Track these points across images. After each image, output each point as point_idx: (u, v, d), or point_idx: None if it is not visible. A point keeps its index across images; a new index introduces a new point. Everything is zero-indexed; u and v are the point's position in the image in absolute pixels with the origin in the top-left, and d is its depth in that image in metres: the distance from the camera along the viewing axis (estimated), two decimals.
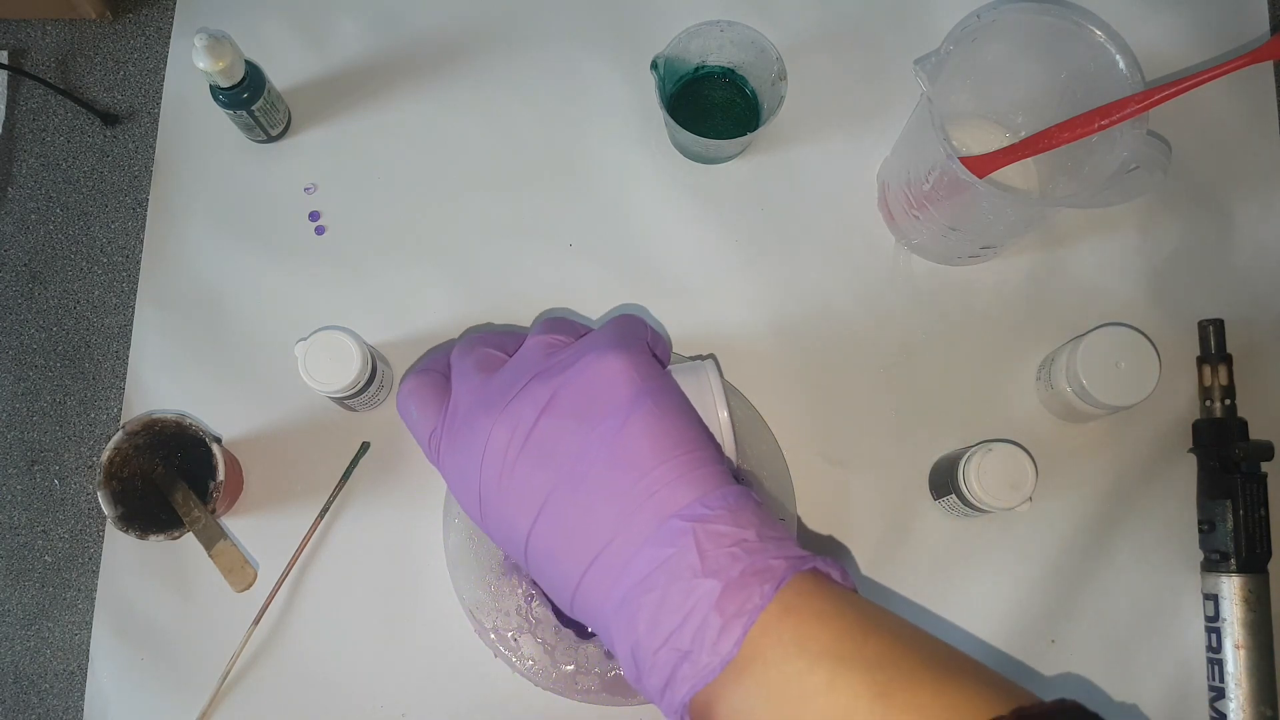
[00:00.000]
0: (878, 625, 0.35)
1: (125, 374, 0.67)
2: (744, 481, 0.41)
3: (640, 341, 0.43)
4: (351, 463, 0.65)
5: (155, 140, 0.70)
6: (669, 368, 0.46)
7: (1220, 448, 0.63)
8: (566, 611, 0.40)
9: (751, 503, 0.38)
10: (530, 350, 0.43)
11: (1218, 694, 0.62)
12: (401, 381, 0.46)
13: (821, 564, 0.37)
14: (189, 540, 0.60)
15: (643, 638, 0.36)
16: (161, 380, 0.67)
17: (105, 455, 0.59)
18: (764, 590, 0.35)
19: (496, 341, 0.45)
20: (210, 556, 0.60)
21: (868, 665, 0.33)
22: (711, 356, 0.50)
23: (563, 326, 0.44)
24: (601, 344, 0.41)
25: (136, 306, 0.68)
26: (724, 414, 0.46)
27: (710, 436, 0.41)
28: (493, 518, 0.41)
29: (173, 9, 0.72)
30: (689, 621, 0.35)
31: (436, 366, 0.45)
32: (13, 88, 0.72)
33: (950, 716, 0.31)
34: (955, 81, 0.61)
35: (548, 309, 0.67)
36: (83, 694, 0.63)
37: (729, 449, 0.46)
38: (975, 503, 0.59)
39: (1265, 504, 0.62)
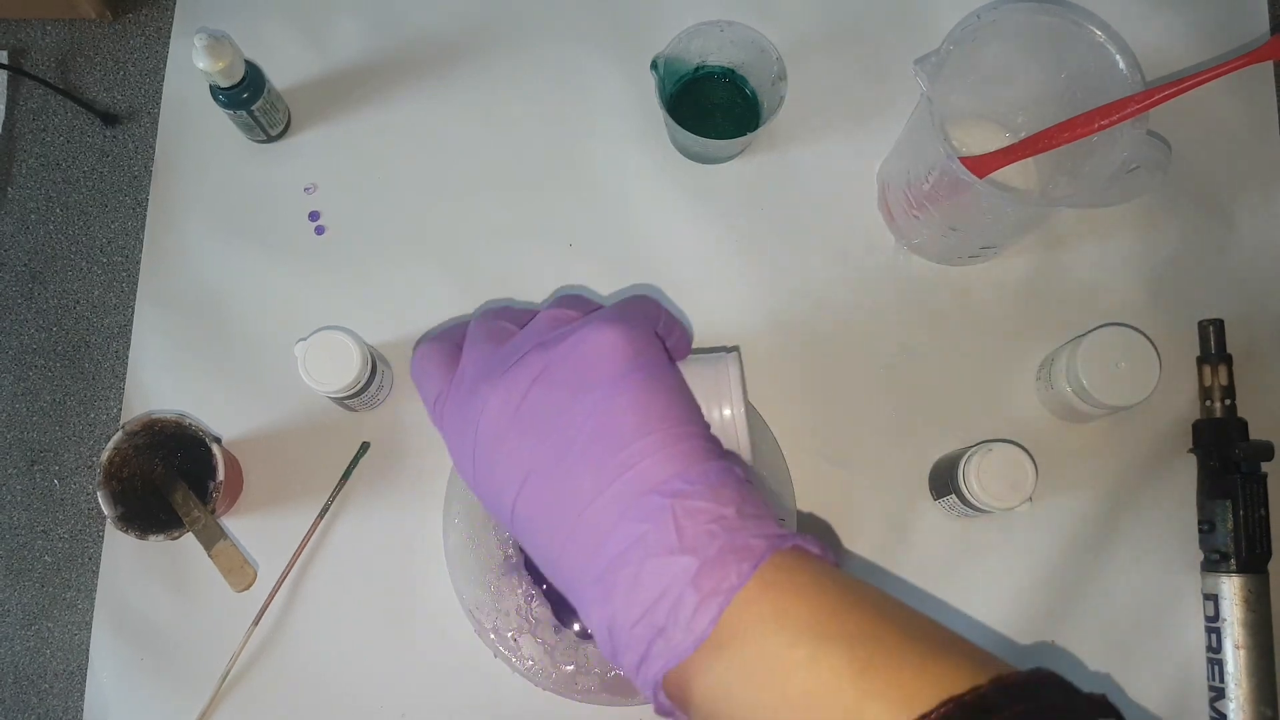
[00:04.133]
0: (859, 600, 0.35)
1: (125, 374, 0.67)
2: (749, 473, 0.40)
3: (644, 320, 0.42)
4: (351, 463, 0.65)
5: (155, 140, 0.70)
6: (690, 357, 0.46)
7: (1220, 448, 0.63)
8: (551, 581, 0.41)
9: (733, 478, 0.38)
10: (538, 323, 0.43)
11: (1218, 694, 0.62)
12: (416, 345, 0.46)
13: (802, 540, 0.37)
14: (189, 540, 0.60)
15: (618, 613, 0.36)
16: (161, 380, 0.67)
17: (105, 455, 0.59)
18: (741, 569, 0.35)
19: (511, 315, 0.45)
20: (210, 556, 0.60)
21: (849, 640, 0.33)
22: (735, 349, 0.50)
23: (574, 302, 0.44)
24: (602, 318, 0.41)
25: (136, 306, 0.68)
26: (739, 409, 0.45)
27: (698, 413, 0.41)
28: (483, 484, 0.41)
29: (172, 9, 0.72)
30: (664, 598, 0.35)
31: (452, 336, 0.46)
32: (13, 88, 0.72)
33: (932, 689, 0.31)
34: (955, 81, 0.61)
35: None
36: (82, 694, 0.63)
37: (743, 446, 0.45)
38: (975, 503, 0.59)
39: (1265, 504, 0.62)
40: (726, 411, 0.45)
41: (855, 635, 0.33)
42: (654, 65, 0.65)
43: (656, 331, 0.43)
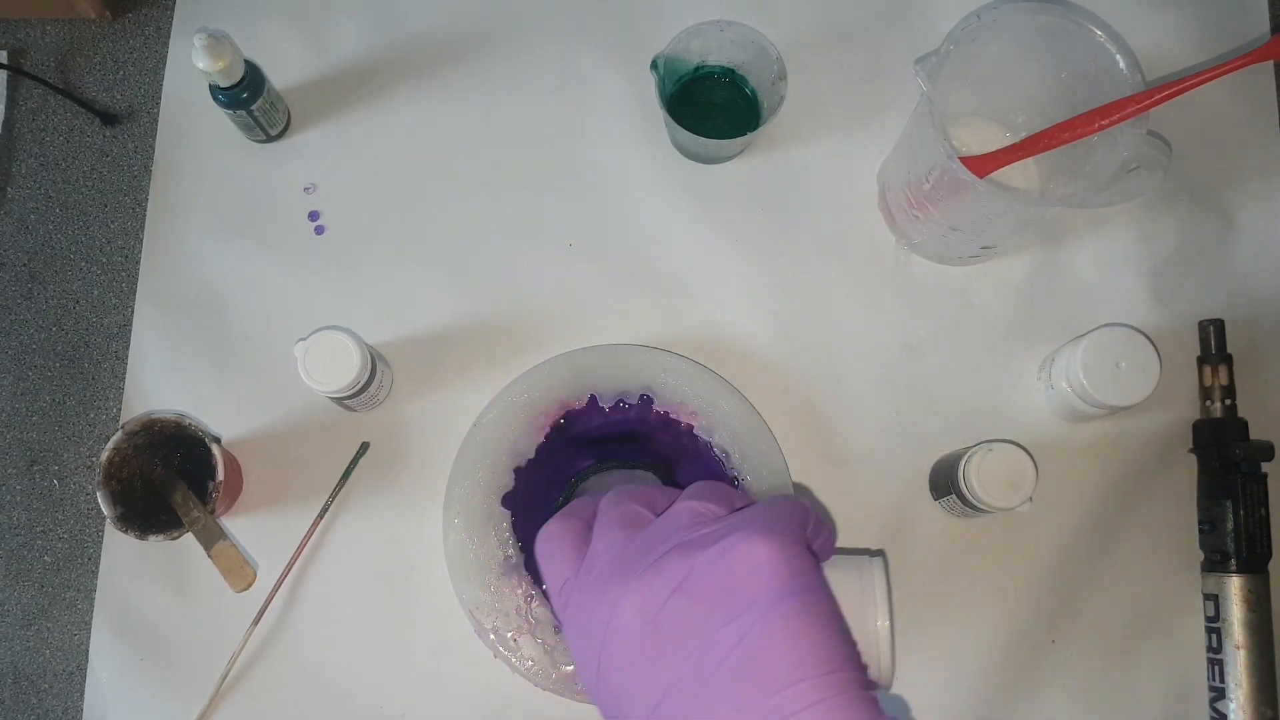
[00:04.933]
0: None
1: (124, 374, 0.67)
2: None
3: (797, 530, 0.39)
4: (351, 463, 0.65)
5: (155, 140, 0.70)
6: (829, 560, 0.43)
7: (1221, 448, 0.63)
8: None
9: None
10: (677, 515, 0.40)
11: (1218, 694, 0.61)
12: (545, 524, 0.44)
13: None
14: (188, 540, 0.60)
15: None
16: (161, 380, 0.67)
17: (104, 455, 0.59)
18: None
19: (646, 498, 0.43)
20: (210, 557, 0.60)
21: None
22: (881, 554, 0.46)
23: (717, 493, 0.41)
24: (752, 525, 0.38)
25: (136, 306, 0.68)
26: (884, 622, 0.41)
27: (855, 650, 0.37)
28: (606, 695, 0.38)
29: (172, 9, 0.72)
30: None
31: (582, 513, 0.43)
32: (12, 87, 0.72)
33: None
34: (955, 81, 0.61)
35: (548, 308, 0.67)
36: (82, 694, 0.63)
37: (885, 664, 0.41)
38: (975, 503, 0.59)
39: (1265, 504, 0.62)
40: (872, 625, 0.41)
41: None
42: (654, 65, 0.65)
43: (807, 541, 0.39)
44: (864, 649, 0.40)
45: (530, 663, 0.60)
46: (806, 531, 0.40)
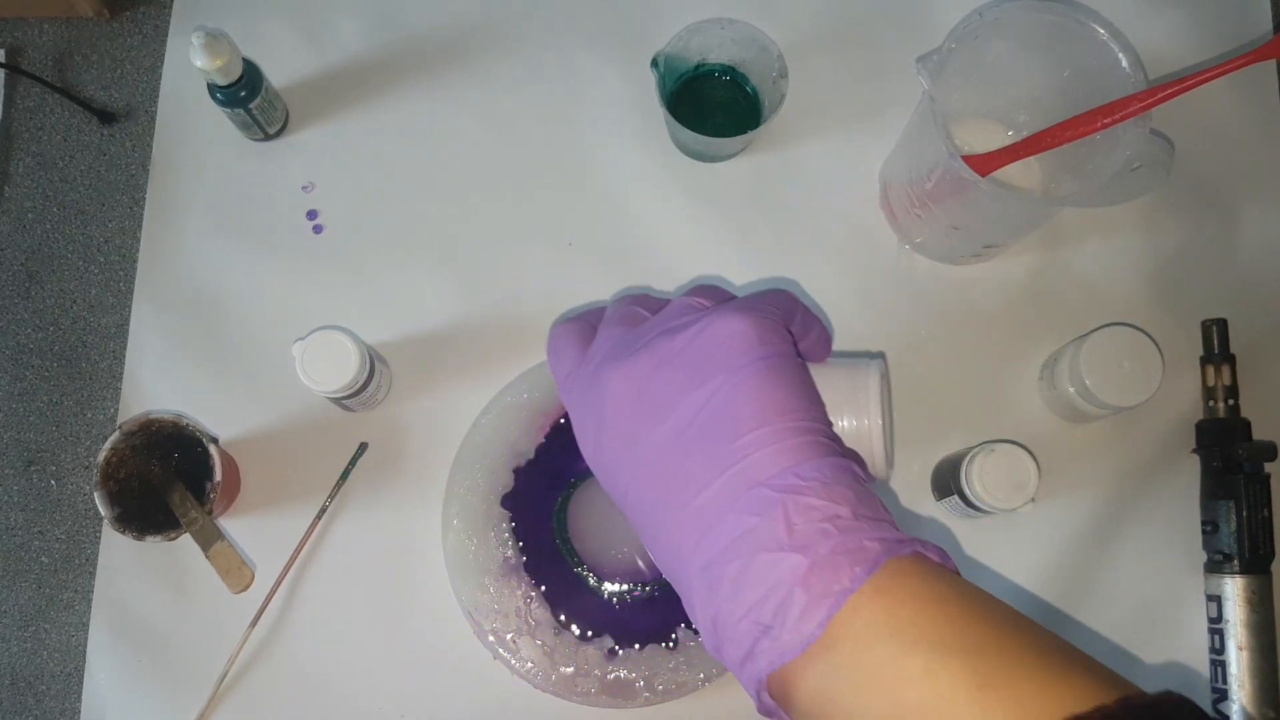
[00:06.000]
0: (981, 611, 0.34)
1: (122, 374, 0.67)
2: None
3: (776, 313, 0.42)
4: (350, 463, 0.65)
5: (152, 139, 0.70)
6: (831, 360, 0.45)
7: (1223, 448, 0.63)
8: (658, 566, 0.40)
9: (849, 476, 0.37)
10: (669, 310, 0.43)
11: (1220, 695, 0.61)
12: (554, 324, 0.48)
13: (921, 546, 0.36)
14: (186, 541, 0.60)
15: (723, 607, 0.35)
16: (158, 380, 0.66)
17: (102, 456, 0.59)
18: (855, 573, 0.34)
19: (647, 303, 0.45)
20: (207, 557, 0.59)
21: (968, 652, 0.32)
22: (881, 356, 0.48)
23: (708, 292, 0.44)
24: (731, 306, 0.41)
25: (133, 306, 0.68)
26: (875, 420, 0.43)
27: (820, 409, 0.40)
28: (602, 464, 0.41)
29: (170, 7, 0.72)
30: (772, 595, 0.34)
31: (589, 317, 0.46)
32: (10, 86, 0.71)
33: (1054, 707, 0.30)
34: (957, 80, 0.61)
35: (547, 308, 0.67)
36: (80, 695, 0.63)
37: (878, 458, 0.43)
38: (978, 503, 0.59)
39: (1268, 505, 0.62)
40: (865, 420, 0.43)
41: (975, 648, 0.32)
42: (654, 63, 0.64)
43: (790, 328, 0.42)
44: (858, 446, 0.43)
45: (529, 664, 0.59)
46: (792, 321, 0.43)
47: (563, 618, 0.60)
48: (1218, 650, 0.62)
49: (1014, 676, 0.31)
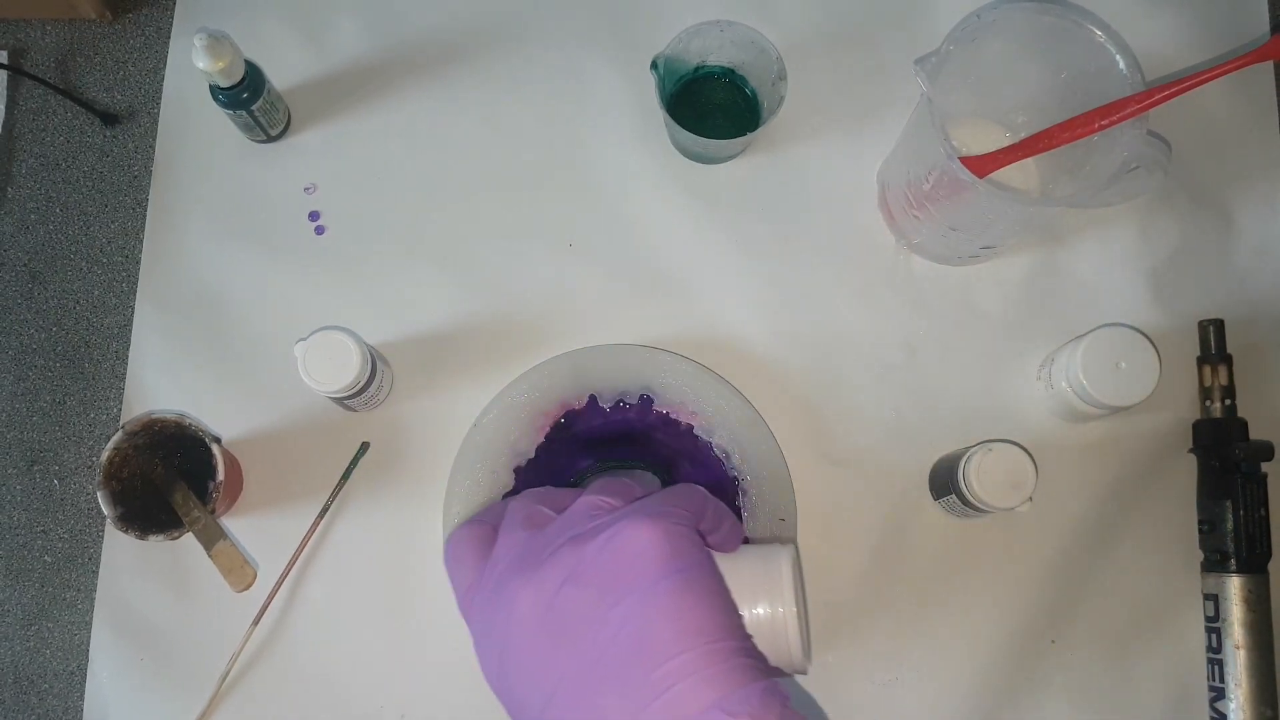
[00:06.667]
0: None
1: (125, 374, 0.67)
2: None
3: (685, 515, 0.40)
4: (351, 463, 0.65)
5: (155, 140, 0.70)
6: (743, 547, 0.43)
7: (1220, 448, 0.63)
8: None
9: (777, 702, 0.35)
10: (575, 511, 0.41)
11: (1218, 694, 0.61)
12: (451, 531, 0.44)
13: None
14: (188, 540, 0.60)
15: None
16: (161, 380, 0.67)
17: (105, 455, 0.59)
18: None
19: (552, 500, 0.43)
20: (210, 557, 0.60)
21: None
22: (792, 543, 0.46)
23: (616, 489, 0.42)
24: (638, 512, 0.39)
25: (136, 306, 0.68)
26: (789, 609, 0.41)
27: (739, 622, 0.38)
28: (507, 690, 0.39)
29: (172, 9, 0.72)
30: None
31: (489, 518, 0.44)
32: (12, 87, 0.72)
33: None
34: (955, 81, 0.61)
35: (547, 308, 0.67)
36: (82, 694, 0.63)
37: (794, 647, 0.42)
38: (975, 503, 0.59)
39: (1265, 504, 0.62)
40: (779, 609, 0.41)
41: None
42: (654, 65, 0.65)
43: (699, 527, 0.40)
44: (773, 636, 0.41)
45: None
46: (701, 519, 0.41)
47: None
48: (1215, 649, 0.62)
49: None
